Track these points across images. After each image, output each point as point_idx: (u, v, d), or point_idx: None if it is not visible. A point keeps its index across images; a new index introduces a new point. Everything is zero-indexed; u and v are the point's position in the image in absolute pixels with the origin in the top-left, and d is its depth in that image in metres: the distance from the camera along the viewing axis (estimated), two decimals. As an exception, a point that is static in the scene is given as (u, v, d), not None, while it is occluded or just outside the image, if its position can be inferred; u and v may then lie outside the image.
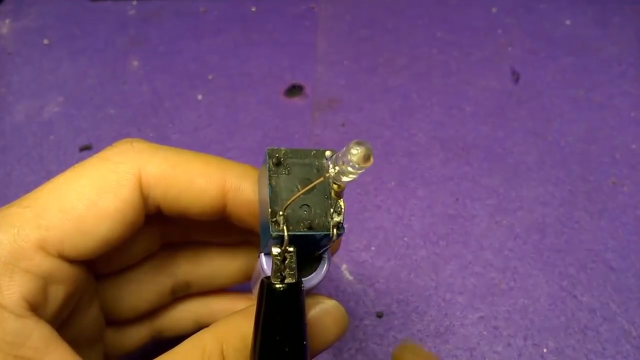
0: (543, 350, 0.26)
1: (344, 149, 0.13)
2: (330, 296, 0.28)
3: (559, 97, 0.40)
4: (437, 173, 0.35)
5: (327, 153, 0.16)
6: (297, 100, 0.40)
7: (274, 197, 0.15)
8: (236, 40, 0.45)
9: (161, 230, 0.20)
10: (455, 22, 0.46)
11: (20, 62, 0.44)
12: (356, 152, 0.12)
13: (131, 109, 0.40)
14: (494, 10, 0.47)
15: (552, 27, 0.45)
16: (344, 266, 0.30)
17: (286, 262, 0.15)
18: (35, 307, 0.15)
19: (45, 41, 0.46)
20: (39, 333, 0.15)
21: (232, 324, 0.16)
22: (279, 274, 0.15)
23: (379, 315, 0.28)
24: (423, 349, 0.15)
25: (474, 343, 0.27)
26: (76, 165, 0.17)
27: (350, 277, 0.29)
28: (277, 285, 0.15)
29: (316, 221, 0.15)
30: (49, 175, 0.35)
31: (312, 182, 0.15)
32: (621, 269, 0.29)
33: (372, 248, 0.31)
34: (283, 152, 0.15)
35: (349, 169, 0.13)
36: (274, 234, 0.14)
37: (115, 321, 0.20)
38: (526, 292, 0.28)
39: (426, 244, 0.31)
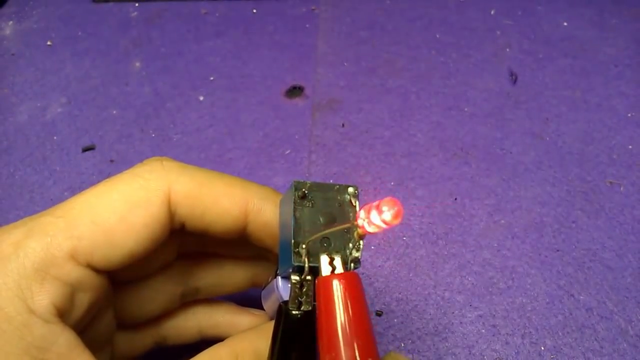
0: (541, 349, 0.27)
1: (376, 203, 0.14)
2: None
3: (556, 98, 0.40)
4: (436, 173, 0.35)
5: (350, 190, 0.16)
6: (297, 101, 0.40)
7: (298, 228, 0.15)
8: (237, 42, 0.46)
9: (180, 242, 0.21)
10: (454, 24, 0.47)
11: (23, 63, 0.45)
12: (387, 211, 0.13)
13: (133, 110, 0.40)
14: (492, 12, 0.47)
15: (550, 28, 0.46)
16: (344, 265, 0.30)
17: (304, 289, 0.16)
18: (62, 314, 0.15)
19: (48, 42, 0.47)
20: (64, 339, 0.15)
21: (248, 340, 0.17)
22: (296, 300, 0.15)
23: (379, 314, 0.28)
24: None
25: (473, 341, 0.27)
26: (108, 180, 0.18)
27: (350, 276, 0.30)
28: (295, 312, 0.15)
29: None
30: (52, 175, 0.35)
31: (337, 222, 0.16)
32: (618, 268, 0.30)
33: (372, 247, 0.31)
34: (308, 185, 0.16)
35: (377, 222, 0.14)
36: (296, 264, 0.15)
37: (124, 325, 0.21)
38: (524, 291, 0.29)
39: (425, 244, 0.31)
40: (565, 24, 0.46)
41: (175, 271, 0.21)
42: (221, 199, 0.18)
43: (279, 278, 0.18)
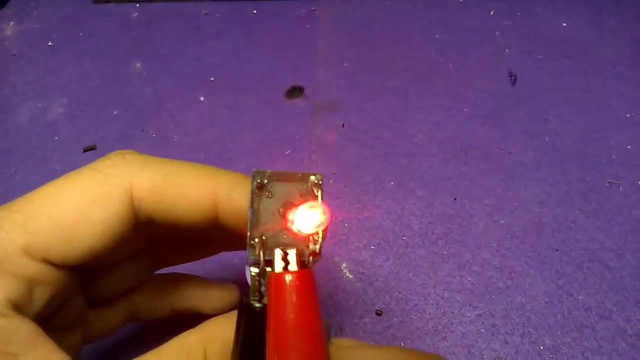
0: (540, 348, 0.27)
1: (298, 205, 0.14)
2: (330, 295, 0.29)
3: (555, 99, 0.40)
4: (435, 173, 0.35)
5: (312, 178, 0.16)
6: (297, 102, 0.41)
7: (255, 220, 0.15)
8: (237, 42, 0.46)
9: (149, 232, 0.20)
10: (453, 25, 0.47)
11: (24, 63, 0.45)
12: (306, 219, 0.13)
13: (134, 110, 0.40)
14: (491, 12, 0.48)
15: (549, 29, 0.46)
16: (343, 265, 0.30)
17: (265, 281, 0.15)
18: (20, 307, 0.15)
19: (49, 43, 0.47)
20: (25, 330, 0.15)
21: (217, 327, 0.16)
22: (256, 292, 0.15)
23: (378, 313, 0.28)
24: None
25: (472, 340, 0.27)
26: (68, 175, 0.17)
27: (350, 276, 0.30)
28: (255, 305, 0.15)
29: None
30: (53, 175, 0.35)
31: (293, 204, 0.15)
32: (617, 268, 0.30)
33: (372, 247, 0.31)
34: (268, 174, 0.15)
35: (298, 227, 0.14)
36: (250, 257, 0.15)
37: (94, 303, 0.20)
38: (523, 290, 0.29)
39: (425, 243, 0.31)
40: (564, 24, 0.46)
41: (144, 245, 0.21)
42: (188, 190, 0.17)
43: (247, 267, 0.17)
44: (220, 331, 0.16)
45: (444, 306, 0.28)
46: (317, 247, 0.15)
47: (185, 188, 0.17)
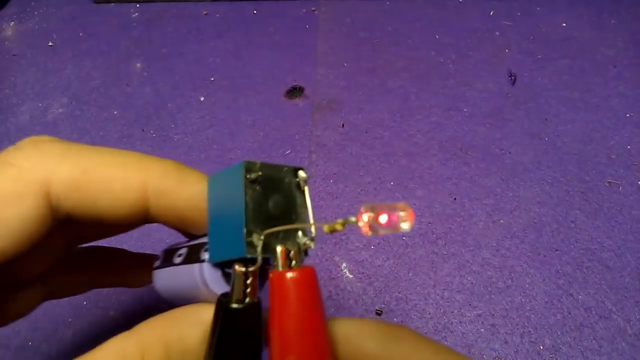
0: (540, 348, 0.27)
1: (388, 205, 0.13)
2: (330, 295, 0.29)
3: (555, 99, 0.40)
4: (435, 173, 0.35)
5: (301, 173, 0.15)
6: (297, 102, 0.41)
7: (250, 215, 0.14)
8: (238, 43, 0.46)
9: (70, 229, 0.19)
10: (453, 25, 0.47)
11: (24, 63, 0.45)
12: (402, 216, 0.12)
13: (134, 110, 0.40)
14: (491, 13, 0.48)
15: (549, 29, 0.46)
16: (343, 265, 0.30)
17: (249, 281, 0.14)
18: None
19: (50, 43, 0.47)
20: None
21: (156, 330, 0.15)
22: (241, 293, 0.14)
23: (378, 313, 0.28)
24: None
25: (472, 340, 0.27)
26: None
27: (350, 276, 0.30)
28: (235, 306, 0.14)
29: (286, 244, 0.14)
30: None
31: (285, 207, 0.14)
32: (617, 267, 0.30)
33: (372, 247, 0.31)
34: (259, 166, 0.14)
35: (385, 225, 0.13)
36: (249, 255, 0.14)
37: (7, 286, 0.19)
38: (523, 290, 0.29)
39: (425, 243, 0.31)
40: (564, 24, 0.46)
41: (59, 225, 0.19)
42: (113, 184, 0.15)
43: (206, 265, 0.15)
44: (161, 336, 0.15)
45: (444, 306, 0.28)
46: (313, 244, 0.15)
47: (110, 181, 0.15)
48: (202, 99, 0.41)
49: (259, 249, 0.14)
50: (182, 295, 0.17)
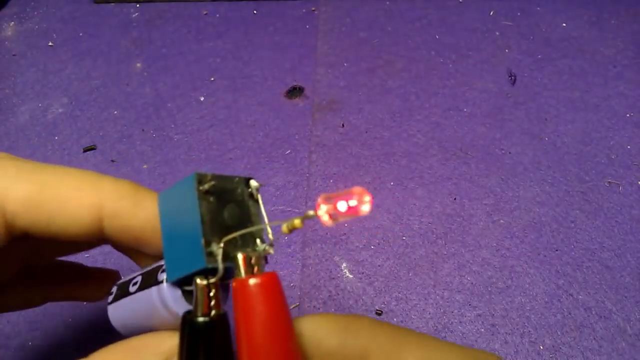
0: (540, 348, 0.27)
1: (343, 192, 0.13)
2: (330, 295, 0.29)
3: (555, 99, 0.40)
4: (435, 173, 0.35)
5: (253, 183, 0.15)
6: (297, 102, 0.41)
7: (207, 226, 0.14)
8: (238, 43, 0.46)
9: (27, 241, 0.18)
10: (453, 25, 0.47)
11: (24, 63, 0.45)
12: (358, 199, 0.12)
13: (134, 110, 0.40)
14: (491, 13, 0.48)
15: (549, 29, 0.46)
16: (343, 265, 0.30)
17: (212, 293, 0.14)
18: None
19: (50, 43, 0.47)
20: None
21: None
22: (205, 305, 0.14)
23: (378, 313, 0.28)
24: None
25: (472, 340, 0.27)
26: None
27: (350, 276, 0.30)
28: (202, 320, 0.13)
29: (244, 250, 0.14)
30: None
31: (240, 216, 0.14)
32: (617, 267, 0.30)
33: (372, 247, 0.31)
34: (209, 177, 0.14)
35: (344, 211, 0.13)
36: (210, 266, 0.13)
37: None
38: (523, 290, 0.29)
39: (425, 243, 0.31)
40: (564, 24, 0.46)
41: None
42: (67, 204, 0.15)
43: (164, 286, 0.15)
44: None
45: (443, 306, 0.28)
46: (273, 250, 0.14)
47: (65, 201, 0.15)
48: (202, 99, 0.41)
49: (219, 257, 0.13)
50: (140, 324, 0.17)
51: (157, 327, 0.16)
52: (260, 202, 0.15)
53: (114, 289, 0.18)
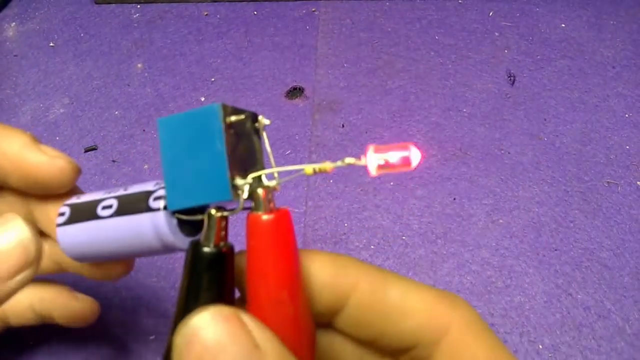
0: (539, 347, 0.27)
1: (397, 144, 0.13)
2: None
3: (554, 99, 0.40)
4: (435, 173, 0.35)
5: (261, 118, 0.15)
6: (297, 102, 0.41)
7: (231, 159, 0.13)
8: (238, 43, 0.46)
9: None
10: (452, 26, 0.47)
11: (26, 64, 0.45)
12: (409, 152, 0.13)
13: (135, 111, 0.40)
14: (490, 13, 0.48)
15: (548, 30, 0.46)
16: (343, 264, 0.30)
17: (223, 224, 0.14)
18: None
19: (51, 44, 0.47)
20: None
21: None
22: (216, 236, 0.14)
23: (378, 312, 0.28)
24: None
25: (471, 339, 0.27)
26: None
27: (350, 275, 0.30)
28: (214, 250, 0.14)
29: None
30: (54, 175, 0.35)
31: (249, 151, 0.14)
32: (616, 267, 0.30)
33: (372, 247, 0.31)
34: (231, 110, 0.14)
35: (395, 162, 0.13)
36: (235, 199, 0.13)
37: None
38: (522, 290, 0.29)
39: (424, 243, 0.31)
40: (563, 25, 0.46)
41: None
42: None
43: (162, 214, 0.14)
44: None
45: (443, 305, 0.28)
46: (279, 187, 0.15)
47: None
48: (202, 99, 0.41)
49: (245, 192, 0.13)
50: (106, 250, 0.16)
51: (128, 255, 0.16)
52: (266, 139, 0.15)
53: (65, 210, 0.17)
